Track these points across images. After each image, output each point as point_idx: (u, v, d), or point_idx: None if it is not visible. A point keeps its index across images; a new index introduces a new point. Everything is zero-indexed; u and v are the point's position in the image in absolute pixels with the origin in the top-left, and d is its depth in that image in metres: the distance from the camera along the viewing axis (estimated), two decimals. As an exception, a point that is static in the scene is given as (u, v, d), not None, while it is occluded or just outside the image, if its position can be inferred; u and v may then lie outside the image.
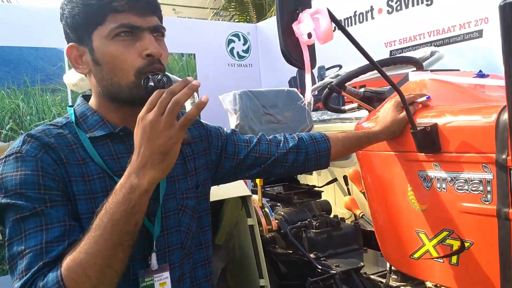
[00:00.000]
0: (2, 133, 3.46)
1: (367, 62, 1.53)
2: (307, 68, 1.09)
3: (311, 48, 1.11)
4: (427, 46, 3.19)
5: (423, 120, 1.27)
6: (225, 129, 1.28)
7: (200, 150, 1.15)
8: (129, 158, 0.83)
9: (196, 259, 1.10)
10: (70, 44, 0.97)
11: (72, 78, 2.15)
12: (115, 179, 0.92)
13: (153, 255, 0.95)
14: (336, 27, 1.11)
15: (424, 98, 1.31)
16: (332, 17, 1.07)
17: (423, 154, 1.25)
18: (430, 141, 1.21)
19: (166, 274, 0.96)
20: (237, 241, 2.08)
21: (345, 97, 1.77)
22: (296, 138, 1.32)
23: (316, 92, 2.76)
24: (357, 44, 1.13)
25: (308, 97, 1.16)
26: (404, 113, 1.30)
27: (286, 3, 1.08)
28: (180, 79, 2.10)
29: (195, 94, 2.09)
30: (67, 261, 0.79)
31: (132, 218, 0.79)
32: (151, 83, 0.89)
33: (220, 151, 1.21)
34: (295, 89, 2.78)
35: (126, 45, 0.92)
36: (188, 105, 2.03)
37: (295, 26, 1.06)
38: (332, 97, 1.93)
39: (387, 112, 1.35)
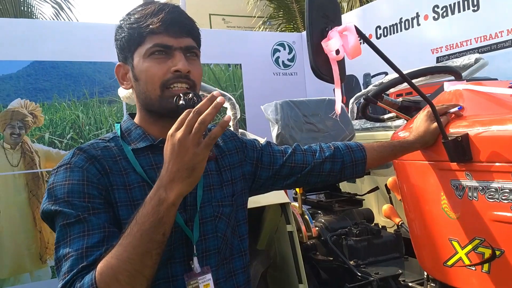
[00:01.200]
0: (63, 142, 3.74)
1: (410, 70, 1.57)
2: (337, 82, 1.15)
3: (341, 63, 1.17)
4: (474, 52, 3.14)
5: (455, 130, 1.29)
6: (260, 142, 1.34)
7: (236, 161, 1.22)
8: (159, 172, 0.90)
9: (237, 266, 1.15)
10: (117, 64, 1.11)
11: (124, 91, 2.32)
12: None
13: (195, 259, 1.01)
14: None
15: (456, 109, 1.33)
16: (360, 34, 1.12)
17: (455, 163, 1.27)
18: (461, 151, 1.23)
19: (209, 276, 1.02)
20: (278, 247, 2.14)
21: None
22: (332, 147, 1.36)
23: (362, 100, 2.79)
24: (386, 58, 1.18)
25: (339, 109, 1.21)
26: (435, 124, 1.32)
27: (316, 21, 1.14)
28: (222, 92, 2.18)
29: (237, 105, 2.19)
30: (101, 265, 0.84)
31: (160, 228, 0.84)
32: (182, 102, 0.96)
33: (256, 162, 1.27)
34: (336, 98, 2.81)
35: (159, 63, 1.02)
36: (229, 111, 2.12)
37: (324, 43, 1.12)
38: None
39: (420, 122, 1.38)
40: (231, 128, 2.30)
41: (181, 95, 0.98)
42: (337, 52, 1.12)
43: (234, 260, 1.15)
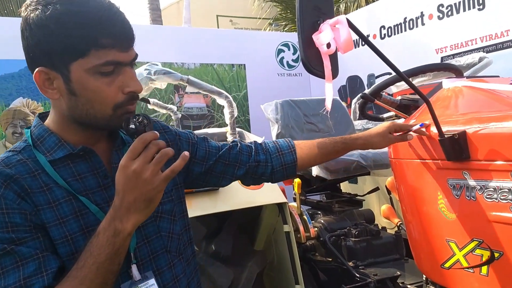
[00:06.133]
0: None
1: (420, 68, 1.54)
2: (328, 77, 1.12)
3: (333, 58, 1.14)
4: (479, 51, 3.08)
5: (452, 127, 1.25)
6: (196, 135, 1.25)
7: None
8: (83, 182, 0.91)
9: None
10: (39, 69, 0.90)
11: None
12: (81, 200, 0.93)
13: (133, 267, 0.96)
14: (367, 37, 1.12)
15: (417, 126, 1.31)
16: (352, 27, 1.09)
17: (452, 162, 1.23)
18: (459, 148, 1.19)
19: (152, 281, 0.97)
20: (275, 247, 2.11)
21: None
22: (265, 149, 1.31)
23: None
24: (381, 54, 1.14)
25: (329, 106, 1.18)
26: (392, 135, 1.34)
27: (308, 14, 1.11)
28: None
29: (234, 104, 2.16)
30: None
31: (116, 259, 0.84)
32: (132, 126, 0.87)
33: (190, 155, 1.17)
34: (337, 98, 2.78)
35: (109, 83, 0.90)
36: (227, 116, 2.09)
37: (315, 36, 1.09)
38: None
39: (381, 125, 1.37)
40: (228, 127, 2.27)
41: (130, 118, 0.89)
42: (328, 45, 1.08)
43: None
